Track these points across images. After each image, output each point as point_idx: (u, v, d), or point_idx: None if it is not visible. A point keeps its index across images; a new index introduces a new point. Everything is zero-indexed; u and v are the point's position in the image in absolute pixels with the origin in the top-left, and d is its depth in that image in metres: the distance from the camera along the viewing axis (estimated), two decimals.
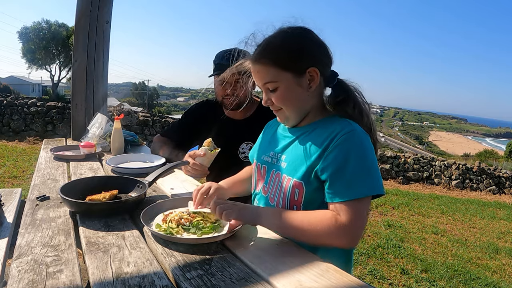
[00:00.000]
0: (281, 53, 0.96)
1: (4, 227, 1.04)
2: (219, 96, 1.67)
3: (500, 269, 3.64)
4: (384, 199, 6.32)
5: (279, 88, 0.98)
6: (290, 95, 0.98)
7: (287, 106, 1.00)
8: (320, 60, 0.99)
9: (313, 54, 0.98)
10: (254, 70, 1.01)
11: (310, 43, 0.98)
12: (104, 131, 1.99)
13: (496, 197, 8.99)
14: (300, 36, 0.98)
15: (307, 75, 0.97)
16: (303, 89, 0.98)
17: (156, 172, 1.36)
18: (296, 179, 0.98)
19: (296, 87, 0.98)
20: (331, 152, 0.92)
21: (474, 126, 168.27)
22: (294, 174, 0.99)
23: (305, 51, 0.97)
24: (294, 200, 0.99)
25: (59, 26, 25.38)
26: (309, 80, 0.97)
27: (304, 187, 0.97)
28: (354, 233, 0.88)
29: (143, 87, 58.41)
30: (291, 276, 0.77)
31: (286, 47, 0.97)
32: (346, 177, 0.89)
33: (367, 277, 3.00)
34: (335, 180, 0.91)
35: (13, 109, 8.99)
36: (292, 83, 0.97)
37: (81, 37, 2.25)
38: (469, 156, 32.34)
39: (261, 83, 1.00)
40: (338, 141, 0.92)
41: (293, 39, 0.98)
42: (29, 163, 5.92)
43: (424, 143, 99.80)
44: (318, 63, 0.98)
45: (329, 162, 0.92)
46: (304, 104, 1.01)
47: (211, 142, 1.41)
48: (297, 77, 0.97)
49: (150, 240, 0.93)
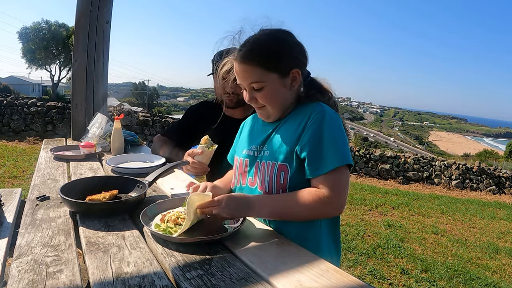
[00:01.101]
0: (268, 55, 1.02)
1: (4, 227, 1.04)
2: (219, 95, 1.68)
3: (500, 269, 3.64)
4: (384, 199, 6.32)
5: (264, 88, 1.04)
6: (275, 94, 1.05)
7: (272, 104, 1.07)
8: (301, 61, 1.07)
9: (295, 56, 1.06)
10: (239, 69, 1.05)
11: (292, 45, 1.06)
12: (104, 131, 1.99)
13: (496, 197, 8.99)
14: (283, 39, 1.06)
15: (290, 75, 1.05)
16: (286, 89, 1.06)
17: (156, 172, 1.36)
18: (280, 162, 1.04)
19: (281, 87, 1.05)
20: (307, 131, 1.01)
21: (474, 126, 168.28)
22: (277, 158, 1.05)
23: (289, 54, 1.04)
24: (280, 184, 1.04)
25: (59, 26, 25.39)
26: (292, 80, 1.06)
27: (288, 169, 1.03)
28: (337, 202, 0.97)
29: (143, 87, 58.42)
30: (291, 276, 0.77)
31: (272, 49, 1.03)
32: (321, 152, 0.98)
33: (367, 277, 3.00)
34: (312, 157, 0.99)
35: (13, 109, 8.99)
36: (277, 83, 1.04)
37: (81, 37, 2.25)
38: (469, 156, 32.34)
39: (246, 82, 1.06)
40: (312, 120, 1.01)
41: (278, 41, 1.05)
42: (29, 163, 5.92)
43: (424, 143, 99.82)
44: (299, 64, 1.06)
45: (306, 141, 1.00)
46: (286, 101, 1.09)
47: (208, 139, 1.43)
48: (282, 78, 1.04)
49: (150, 240, 0.93)
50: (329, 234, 1.10)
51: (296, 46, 1.07)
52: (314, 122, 1.00)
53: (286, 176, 1.03)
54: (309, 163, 0.99)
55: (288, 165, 1.03)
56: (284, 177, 1.03)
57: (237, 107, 1.68)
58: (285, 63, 1.04)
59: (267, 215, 1.03)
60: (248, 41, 1.05)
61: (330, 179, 0.96)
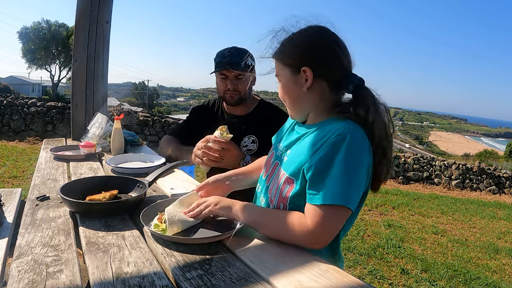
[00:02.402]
0: (286, 49, 0.99)
1: (4, 227, 1.03)
2: (220, 92, 1.70)
3: (500, 269, 3.64)
4: (384, 199, 6.32)
5: (280, 82, 1.03)
6: (287, 91, 1.02)
7: (285, 101, 1.04)
8: (322, 61, 0.96)
9: (315, 54, 0.96)
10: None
11: (316, 42, 0.97)
12: (104, 131, 1.99)
13: (496, 197, 8.99)
14: (308, 35, 0.98)
15: (302, 74, 0.96)
16: (299, 88, 0.98)
17: (156, 172, 1.36)
18: (289, 174, 0.98)
19: (292, 84, 0.99)
20: (320, 153, 0.89)
21: (474, 126, 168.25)
22: (288, 170, 0.99)
23: (305, 50, 0.96)
24: (282, 197, 0.99)
25: (59, 26, 25.39)
26: (305, 80, 0.96)
27: (294, 184, 0.96)
28: (317, 238, 0.87)
29: (143, 87, 58.42)
30: (291, 276, 0.77)
31: (291, 44, 0.98)
32: (324, 181, 0.87)
33: (367, 277, 3.00)
34: (314, 182, 0.89)
35: (13, 109, 8.99)
36: (289, 79, 1.00)
37: (81, 37, 2.25)
38: (469, 156, 32.34)
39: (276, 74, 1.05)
40: (329, 142, 0.88)
41: (300, 37, 0.99)
42: (29, 163, 5.92)
43: (424, 143, 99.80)
44: (317, 64, 0.95)
45: (314, 163, 0.89)
46: (301, 102, 1.01)
47: (225, 128, 1.44)
48: (293, 74, 0.98)
49: (150, 240, 0.93)
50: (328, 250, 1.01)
51: (320, 43, 0.97)
52: (330, 145, 0.88)
53: (289, 191, 0.97)
54: (309, 187, 0.90)
55: (294, 180, 0.96)
56: (287, 192, 0.97)
57: (238, 104, 1.70)
58: (296, 59, 0.97)
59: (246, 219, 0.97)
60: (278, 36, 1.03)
61: (319, 214, 0.86)
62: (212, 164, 1.48)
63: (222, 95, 1.70)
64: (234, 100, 1.68)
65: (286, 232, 0.91)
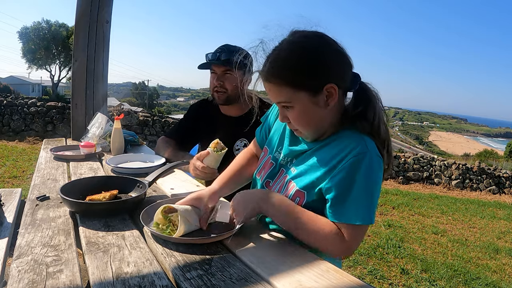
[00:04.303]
0: (294, 71, 0.87)
1: (4, 227, 1.03)
2: (211, 90, 1.70)
3: (500, 269, 3.64)
4: (384, 199, 6.32)
5: (294, 108, 0.91)
6: (306, 115, 0.91)
7: (303, 126, 0.94)
8: (338, 71, 0.90)
9: (330, 67, 0.89)
10: (266, 87, 0.93)
11: (326, 54, 0.89)
12: (104, 131, 1.99)
13: (496, 197, 8.98)
14: (314, 49, 0.88)
15: (324, 92, 0.88)
16: (320, 108, 0.91)
17: (156, 172, 1.36)
18: (300, 188, 0.97)
19: (313, 106, 0.90)
20: (339, 173, 0.89)
21: (474, 126, 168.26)
22: (299, 183, 0.98)
23: (321, 66, 0.87)
24: None
25: (59, 26, 25.41)
26: (327, 96, 0.89)
27: (305, 197, 0.96)
28: (348, 251, 0.91)
29: (143, 87, 58.42)
30: (291, 276, 0.77)
31: (299, 63, 0.87)
32: (348, 202, 0.88)
33: (367, 277, 3.00)
34: (337, 202, 0.90)
35: (13, 109, 8.98)
36: (308, 102, 0.89)
37: (81, 37, 2.25)
38: (469, 156, 32.34)
39: (275, 101, 0.94)
40: (348, 162, 0.88)
41: (307, 52, 0.88)
42: (29, 163, 5.91)
43: (424, 143, 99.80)
44: (337, 77, 0.89)
45: (334, 183, 0.89)
46: (323, 122, 0.94)
47: (218, 143, 1.40)
48: (313, 96, 0.89)
49: (150, 240, 0.93)
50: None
51: (330, 54, 0.89)
52: (350, 165, 0.87)
53: (301, 202, 0.96)
54: (332, 207, 0.90)
55: (306, 193, 0.95)
56: (299, 203, 0.96)
57: (227, 104, 1.67)
58: (315, 79, 0.87)
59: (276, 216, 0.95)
60: (272, 54, 0.91)
61: (351, 229, 0.88)
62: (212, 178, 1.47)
63: (212, 93, 1.69)
64: (221, 99, 1.65)
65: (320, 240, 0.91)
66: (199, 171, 1.40)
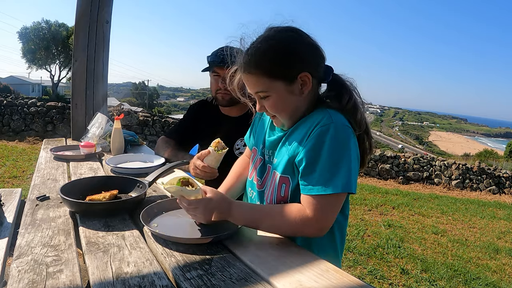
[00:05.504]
0: (270, 61, 0.94)
1: (4, 227, 1.03)
2: (213, 91, 1.70)
3: (500, 269, 3.64)
4: (384, 199, 6.32)
5: (271, 97, 0.97)
6: (282, 103, 0.97)
7: (280, 113, 1.00)
8: (311, 62, 0.97)
9: (303, 58, 0.95)
10: (244, 79, 0.99)
11: (299, 46, 0.95)
12: (104, 131, 1.99)
13: (496, 197, 8.99)
14: (288, 41, 0.95)
15: (298, 80, 0.95)
16: (296, 95, 0.97)
17: (156, 172, 1.36)
18: (281, 173, 1.00)
19: (288, 94, 0.96)
20: (307, 144, 0.92)
21: (474, 126, 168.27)
22: (280, 169, 1.01)
23: (294, 57, 0.94)
24: (280, 196, 1.01)
25: (59, 26, 25.42)
26: (301, 85, 0.96)
27: (290, 181, 0.98)
28: (319, 226, 0.91)
29: (143, 87, 58.44)
30: (291, 276, 0.77)
31: (274, 55, 0.94)
32: (316, 171, 0.90)
33: (367, 277, 3.00)
34: (306, 173, 0.92)
35: (13, 109, 8.99)
36: (284, 91, 0.95)
37: (81, 37, 2.25)
38: (469, 156, 32.34)
39: (252, 91, 0.99)
40: (314, 133, 0.91)
41: (281, 45, 0.94)
42: (29, 163, 5.92)
43: (424, 143, 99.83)
44: (310, 66, 0.95)
45: (303, 154, 0.92)
46: (298, 108, 1.00)
47: (218, 142, 1.40)
48: (288, 85, 0.95)
49: (150, 240, 0.93)
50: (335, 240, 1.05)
51: (303, 46, 0.95)
52: (315, 137, 0.91)
53: (287, 189, 0.98)
54: (301, 179, 0.93)
55: (289, 177, 0.98)
56: (285, 190, 0.99)
57: (231, 105, 1.68)
58: (289, 68, 0.94)
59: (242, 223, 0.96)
60: (250, 48, 0.97)
61: (316, 202, 0.89)
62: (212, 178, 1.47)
63: (214, 94, 1.69)
64: (225, 100, 1.66)
65: (287, 225, 0.92)
66: (199, 171, 1.40)
